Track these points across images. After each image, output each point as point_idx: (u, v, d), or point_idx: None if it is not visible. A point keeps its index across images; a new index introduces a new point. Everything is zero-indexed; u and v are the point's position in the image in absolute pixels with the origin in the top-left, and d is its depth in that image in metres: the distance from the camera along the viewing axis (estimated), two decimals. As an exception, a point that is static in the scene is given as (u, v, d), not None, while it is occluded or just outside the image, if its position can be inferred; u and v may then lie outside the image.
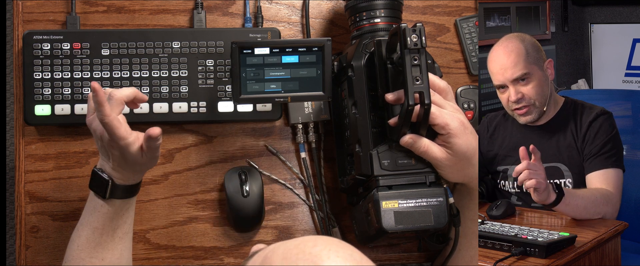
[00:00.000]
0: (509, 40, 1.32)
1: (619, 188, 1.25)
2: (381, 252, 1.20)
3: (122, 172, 0.99)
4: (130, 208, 1.03)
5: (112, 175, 0.99)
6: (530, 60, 1.29)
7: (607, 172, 1.26)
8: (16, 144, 1.17)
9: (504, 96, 1.33)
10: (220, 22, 1.21)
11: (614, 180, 1.25)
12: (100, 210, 1.00)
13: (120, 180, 0.99)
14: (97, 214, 1.00)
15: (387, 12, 1.07)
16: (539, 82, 1.29)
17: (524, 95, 1.29)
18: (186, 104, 1.15)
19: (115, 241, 1.02)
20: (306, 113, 1.17)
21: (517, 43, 1.30)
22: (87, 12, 1.19)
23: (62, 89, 1.14)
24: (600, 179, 1.26)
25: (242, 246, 1.19)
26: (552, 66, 1.32)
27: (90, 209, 1.01)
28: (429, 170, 1.01)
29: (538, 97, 1.30)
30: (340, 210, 1.20)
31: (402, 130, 0.98)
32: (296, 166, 1.20)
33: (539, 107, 1.31)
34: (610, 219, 1.20)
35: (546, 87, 1.31)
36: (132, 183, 1.01)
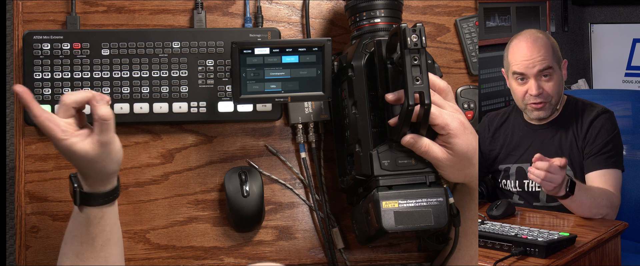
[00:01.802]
0: (537, 33, 1.30)
1: (619, 189, 1.25)
2: (381, 252, 1.20)
3: (84, 178, 0.96)
4: (107, 217, 0.99)
5: (80, 182, 0.97)
6: (555, 57, 1.29)
7: (607, 172, 1.26)
8: (16, 144, 1.17)
9: (521, 88, 1.30)
10: (220, 22, 1.21)
11: (615, 181, 1.25)
12: (76, 218, 0.98)
13: (87, 187, 0.96)
14: (74, 221, 0.98)
15: (387, 12, 1.07)
16: (558, 80, 1.29)
17: (544, 91, 1.29)
18: (186, 104, 1.15)
19: (96, 250, 0.98)
20: (306, 113, 1.17)
21: (545, 38, 1.29)
22: (87, 12, 1.19)
23: (62, 89, 1.14)
24: (600, 179, 1.26)
25: (242, 246, 1.19)
26: (566, 67, 1.32)
27: (72, 216, 0.99)
28: (429, 170, 1.01)
29: (555, 94, 1.30)
30: (340, 210, 1.20)
31: (402, 130, 0.98)
32: (296, 166, 1.20)
33: (553, 104, 1.30)
34: (610, 219, 1.20)
35: (562, 87, 1.31)
36: (102, 191, 0.97)
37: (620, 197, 1.25)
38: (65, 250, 1.00)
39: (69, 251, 0.99)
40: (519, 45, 1.30)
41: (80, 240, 0.98)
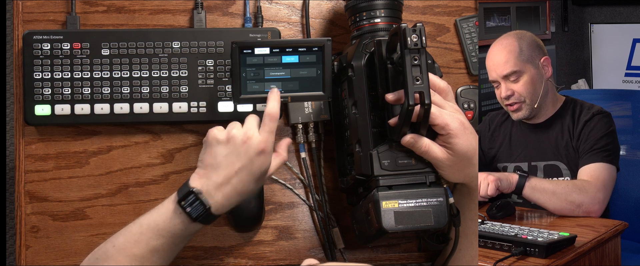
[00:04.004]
0: (505, 37, 1.35)
1: (604, 181, 1.24)
2: (381, 252, 1.20)
3: (230, 197, 0.97)
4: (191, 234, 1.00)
5: (215, 200, 0.96)
6: (523, 58, 1.31)
7: (595, 165, 1.26)
8: (16, 144, 1.17)
9: (498, 92, 1.36)
10: (220, 22, 1.21)
11: (598, 173, 1.25)
12: (164, 232, 0.97)
13: (219, 206, 0.97)
14: (157, 235, 0.97)
15: (387, 12, 1.07)
16: (530, 79, 1.31)
17: (514, 92, 1.32)
18: (186, 104, 1.15)
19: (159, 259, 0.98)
20: (306, 113, 1.17)
21: (511, 40, 1.32)
22: (87, 12, 1.19)
23: (62, 89, 1.14)
24: (587, 172, 1.26)
25: (242, 246, 1.19)
26: (549, 63, 1.33)
27: (166, 217, 0.97)
28: (429, 170, 1.01)
29: (528, 94, 1.32)
30: (340, 210, 1.20)
31: (402, 130, 0.98)
32: (296, 166, 1.20)
33: (529, 104, 1.32)
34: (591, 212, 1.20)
35: (539, 85, 1.32)
36: (218, 213, 0.98)
37: (607, 188, 1.24)
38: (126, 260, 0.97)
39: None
40: (490, 52, 1.36)
41: (164, 256, 0.98)
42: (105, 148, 1.17)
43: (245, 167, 0.97)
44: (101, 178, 1.17)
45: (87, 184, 1.17)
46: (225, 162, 0.97)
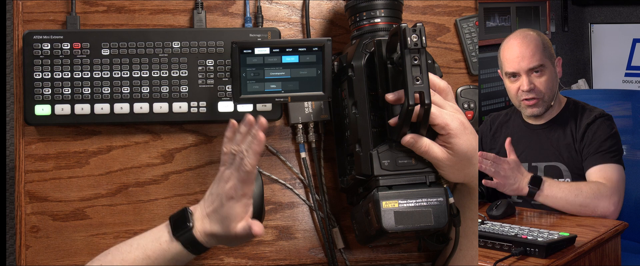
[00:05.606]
0: (527, 31, 1.32)
1: (618, 183, 1.24)
2: (381, 252, 1.20)
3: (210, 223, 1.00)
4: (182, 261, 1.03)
5: (199, 224, 1.00)
6: (546, 54, 1.30)
7: (605, 166, 1.26)
8: (16, 144, 1.17)
9: (514, 85, 1.32)
10: (220, 22, 1.21)
11: (611, 174, 1.25)
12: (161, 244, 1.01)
13: (202, 234, 1.00)
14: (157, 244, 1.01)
15: (387, 12, 1.07)
16: (550, 76, 1.31)
17: (536, 87, 1.30)
18: (186, 104, 1.15)
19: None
20: (306, 113, 1.17)
21: (535, 35, 1.31)
22: (87, 12, 1.19)
23: (62, 89, 1.14)
24: (598, 174, 1.26)
25: (242, 246, 1.19)
26: (560, 64, 1.33)
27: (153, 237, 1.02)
28: (429, 170, 1.01)
29: (548, 91, 1.31)
30: (340, 210, 1.20)
31: (402, 130, 0.98)
32: (296, 166, 1.20)
33: (547, 101, 1.31)
34: (607, 214, 1.20)
35: (555, 83, 1.32)
36: (205, 245, 1.01)
37: (620, 191, 1.24)
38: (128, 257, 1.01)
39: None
40: (509, 44, 1.32)
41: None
42: (105, 148, 1.17)
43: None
44: (101, 178, 1.17)
45: (87, 184, 1.17)
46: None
